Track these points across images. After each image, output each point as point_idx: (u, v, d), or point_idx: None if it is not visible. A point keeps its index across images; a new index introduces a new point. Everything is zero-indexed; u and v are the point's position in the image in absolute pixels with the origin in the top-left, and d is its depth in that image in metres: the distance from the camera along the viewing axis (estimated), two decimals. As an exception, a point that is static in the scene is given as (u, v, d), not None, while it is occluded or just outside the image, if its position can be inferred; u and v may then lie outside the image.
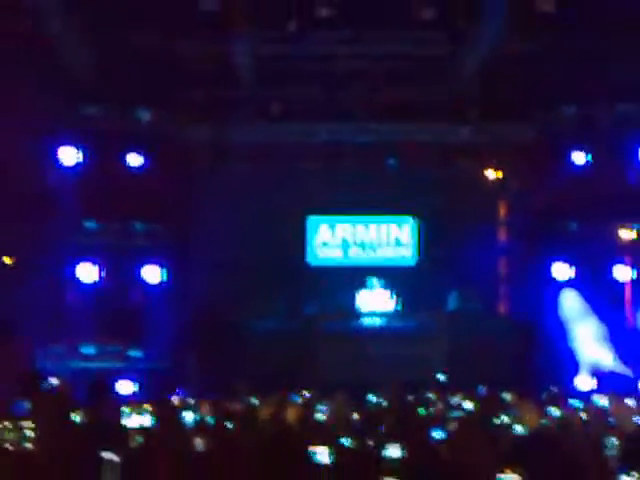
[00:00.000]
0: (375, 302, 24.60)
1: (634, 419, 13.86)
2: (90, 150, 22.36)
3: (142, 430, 10.98)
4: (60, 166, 22.10)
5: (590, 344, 22.54)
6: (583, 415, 14.41)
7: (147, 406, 11.72)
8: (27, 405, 11.09)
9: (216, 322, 23.12)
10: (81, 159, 22.24)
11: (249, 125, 22.79)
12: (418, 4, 18.02)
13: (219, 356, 21.71)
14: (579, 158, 23.00)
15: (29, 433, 9.18)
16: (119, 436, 10.41)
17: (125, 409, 11.64)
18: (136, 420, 11.26)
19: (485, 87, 21.26)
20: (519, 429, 12.79)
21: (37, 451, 8.29)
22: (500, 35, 18.59)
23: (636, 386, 19.87)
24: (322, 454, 8.97)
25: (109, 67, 20.14)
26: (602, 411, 15.41)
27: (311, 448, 9.23)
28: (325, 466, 8.91)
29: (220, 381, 19.63)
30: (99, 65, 20.02)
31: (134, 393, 20.05)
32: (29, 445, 8.93)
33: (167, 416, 11.83)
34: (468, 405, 16.86)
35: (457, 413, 15.73)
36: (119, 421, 11.33)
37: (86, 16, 18.06)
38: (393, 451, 10.02)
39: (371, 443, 11.03)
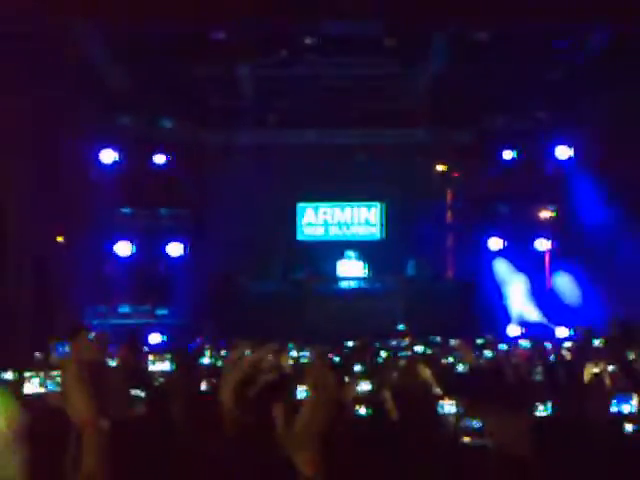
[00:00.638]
0: (350, 269, 24.65)
1: (550, 357, 13.97)
2: (125, 151, 22.34)
3: (163, 373, 11.02)
4: (101, 164, 22.05)
5: (518, 300, 22.65)
6: (510, 356, 14.48)
7: (168, 355, 11.72)
8: (67, 349, 10.97)
9: (225, 285, 23.18)
10: (118, 159, 22.17)
11: (251, 130, 22.77)
12: (382, 35, 17.97)
13: (228, 312, 21.71)
14: (507, 155, 23.15)
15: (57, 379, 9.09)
16: (146, 377, 10.45)
17: (150, 357, 11.67)
18: (159, 366, 11.29)
19: (435, 99, 21.19)
20: (460, 367, 12.90)
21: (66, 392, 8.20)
22: (444, 59, 18.57)
23: (553, 332, 19.96)
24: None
25: (140, 85, 20.09)
26: (526, 351, 15.48)
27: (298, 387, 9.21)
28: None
29: (229, 332, 19.63)
30: (132, 84, 19.95)
31: (161, 343, 20.06)
32: (57, 388, 8.86)
33: (183, 363, 11.82)
34: (418, 348, 16.93)
35: (406, 353, 15.78)
36: (146, 366, 11.37)
37: (123, 47, 18.02)
38: (364, 386, 10.08)
39: (347, 380, 11.02)
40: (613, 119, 19.58)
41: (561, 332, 19.94)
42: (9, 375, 10.03)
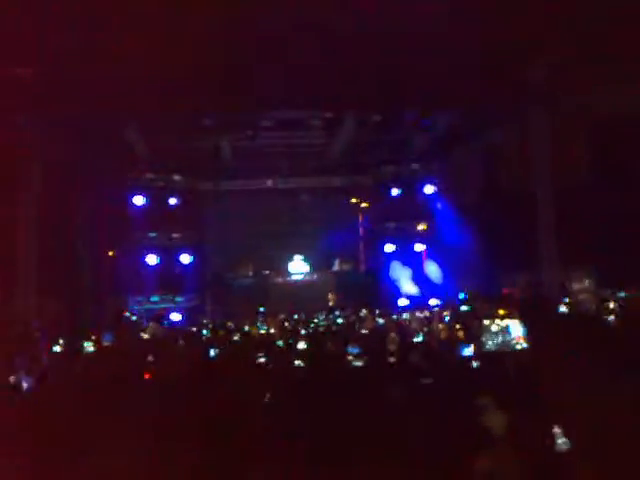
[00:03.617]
0: (298, 267, 24.82)
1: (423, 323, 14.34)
2: (150, 196, 22.16)
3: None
4: (135, 205, 21.96)
5: (405, 283, 22.91)
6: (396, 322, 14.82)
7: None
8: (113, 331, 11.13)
9: (218, 280, 23.18)
10: (145, 201, 22.06)
11: (230, 180, 22.76)
12: (311, 118, 18.24)
13: (220, 298, 21.77)
14: (395, 192, 23.11)
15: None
16: (165, 343, 10.62)
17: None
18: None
19: (349, 157, 21.35)
20: (363, 330, 13.22)
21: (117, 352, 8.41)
22: (353, 132, 18.80)
23: (427, 302, 20.29)
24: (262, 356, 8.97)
25: (159, 154, 20.08)
26: (406, 320, 15.84)
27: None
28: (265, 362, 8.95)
29: (222, 312, 19.72)
30: (153, 153, 19.92)
31: (179, 320, 20.10)
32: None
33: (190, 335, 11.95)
34: (339, 319, 17.19)
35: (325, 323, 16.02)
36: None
37: (149, 130, 18.01)
38: (301, 345, 10.26)
39: (291, 341, 11.25)
40: (459, 168, 20.17)
41: (432, 302, 20.33)
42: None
